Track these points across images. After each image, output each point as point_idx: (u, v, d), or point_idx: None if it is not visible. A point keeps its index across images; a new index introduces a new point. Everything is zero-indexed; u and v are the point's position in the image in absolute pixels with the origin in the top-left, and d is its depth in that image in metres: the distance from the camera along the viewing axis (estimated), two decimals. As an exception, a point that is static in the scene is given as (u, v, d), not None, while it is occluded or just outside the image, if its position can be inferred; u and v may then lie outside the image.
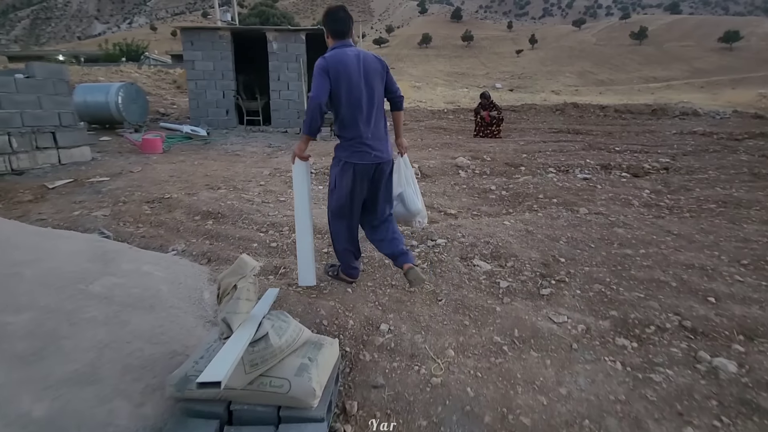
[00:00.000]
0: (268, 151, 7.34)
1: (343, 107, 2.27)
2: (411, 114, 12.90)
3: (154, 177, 5.21)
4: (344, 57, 2.22)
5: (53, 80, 5.38)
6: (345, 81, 2.21)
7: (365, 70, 2.27)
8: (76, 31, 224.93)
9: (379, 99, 2.37)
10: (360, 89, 2.26)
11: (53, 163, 5.45)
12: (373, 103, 2.33)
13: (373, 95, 2.32)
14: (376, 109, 2.36)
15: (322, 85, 2.17)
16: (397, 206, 2.76)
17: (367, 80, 2.28)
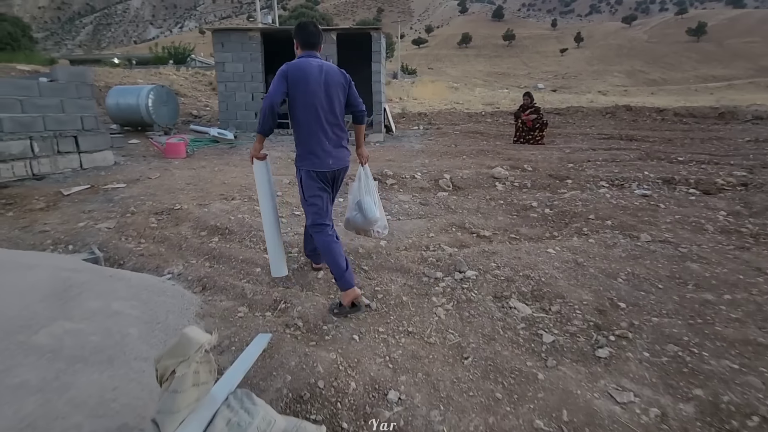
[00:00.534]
0: (293, 156, 7.02)
1: (299, 110, 2.39)
2: (446, 117, 12.32)
3: (171, 184, 4.99)
4: (306, 65, 2.36)
5: (76, 84, 5.29)
6: (302, 86, 2.33)
7: (326, 80, 2.39)
8: (132, 35, 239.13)
9: (339, 109, 2.48)
10: (318, 96, 2.37)
11: (75, 167, 5.36)
12: (332, 111, 2.44)
13: (332, 104, 2.43)
14: (333, 118, 2.46)
15: (278, 88, 2.31)
16: (356, 215, 2.77)
17: (327, 90, 2.39)
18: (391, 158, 6.68)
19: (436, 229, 3.80)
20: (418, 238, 3.59)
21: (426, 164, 6.15)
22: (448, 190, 4.94)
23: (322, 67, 2.41)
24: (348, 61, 10.41)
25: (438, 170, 5.59)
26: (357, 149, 2.79)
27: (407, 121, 12.56)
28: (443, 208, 4.36)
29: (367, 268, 3.03)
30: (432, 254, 3.20)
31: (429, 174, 5.39)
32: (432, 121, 12.45)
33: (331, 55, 8.88)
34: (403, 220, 4.02)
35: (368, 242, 3.44)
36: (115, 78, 12.92)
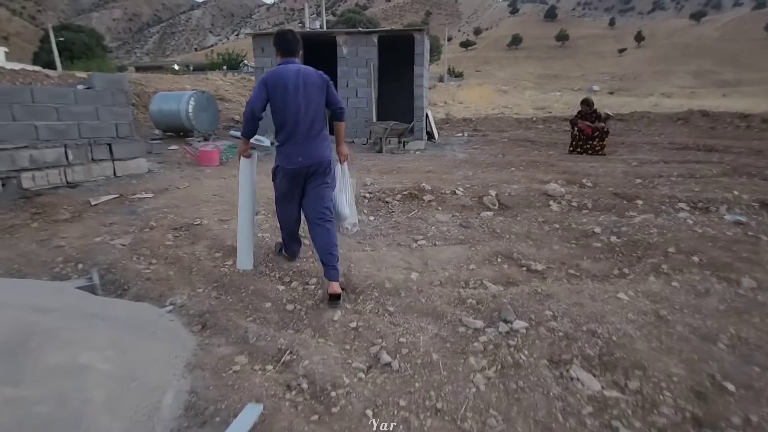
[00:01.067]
0: (328, 165, 6.71)
1: (278, 113, 2.58)
2: (493, 123, 11.59)
3: (197, 195, 4.79)
4: (284, 71, 2.56)
5: (112, 91, 5.24)
6: (281, 91, 2.52)
7: (304, 82, 2.55)
8: (193, 43, 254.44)
9: (317, 108, 2.62)
10: (296, 99, 2.53)
11: (108, 175, 5.31)
12: (309, 111, 2.58)
13: (309, 105, 2.57)
14: (312, 117, 2.60)
15: (258, 95, 2.54)
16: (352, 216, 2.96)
17: (305, 92, 2.55)
18: (431, 169, 6.16)
19: (478, 260, 3.25)
20: (456, 271, 3.06)
21: (469, 177, 5.58)
22: (494, 210, 4.36)
23: (300, 71, 2.58)
24: (390, 64, 10.03)
25: (482, 184, 5.01)
26: (337, 147, 2.91)
27: (451, 128, 11.96)
28: (487, 231, 3.80)
29: (393, 309, 2.55)
30: (472, 293, 2.68)
31: (472, 189, 4.83)
32: (478, 127, 11.77)
33: (372, 59, 8.53)
34: (440, 246, 3.51)
35: (396, 274, 2.97)
36: (165, 84, 13.38)
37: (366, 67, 8.62)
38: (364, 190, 4.86)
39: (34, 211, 4.33)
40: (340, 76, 8.81)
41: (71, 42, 45.62)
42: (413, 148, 8.40)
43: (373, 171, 6.18)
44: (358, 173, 6.15)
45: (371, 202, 4.51)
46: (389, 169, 6.26)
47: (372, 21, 42.89)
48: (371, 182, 5.34)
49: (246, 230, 2.86)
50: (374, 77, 8.60)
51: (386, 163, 6.72)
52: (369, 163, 6.86)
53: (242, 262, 2.88)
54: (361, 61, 8.61)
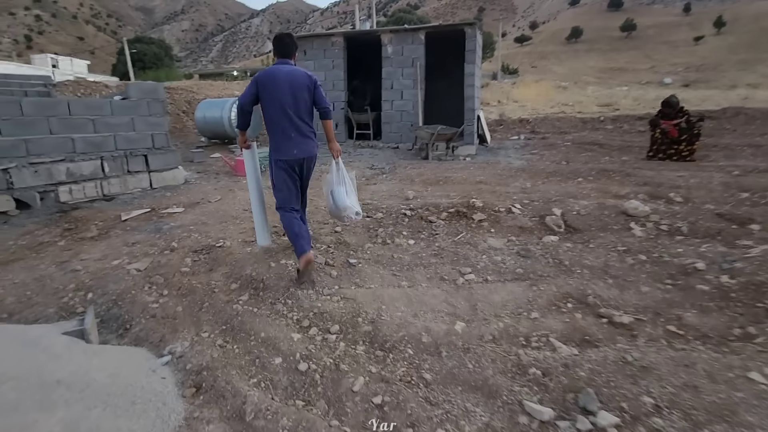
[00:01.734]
0: (368, 175, 6.22)
1: (268, 109, 2.85)
2: (553, 124, 10.52)
3: (227, 210, 4.49)
4: (275, 71, 2.84)
5: (148, 100, 5.11)
6: (270, 89, 2.81)
7: (292, 82, 2.81)
8: (252, 49, 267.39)
9: (305, 106, 2.87)
10: (284, 97, 2.79)
11: (144, 187, 5.19)
12: (298, 108, 2.84)
13: (297, 103, 2.82)
14: (300, 114, 2.85)
15: (248, 93, 2.84)
16: (330, 203, 3.19)
17: (293, 91, 2.80)
18: (483, 179, 5.48)
19: (542, 304, 2.59)
20: (514, 320, 2.43)
21: (527, 190, 4.85)
22: (559, 233, 3.62)
23: (290, 72, 2.82)
24: (438, 63, 9.38)
25: (544, 200, 4.28)
26: (329, 144, 3.11)
27: (505, 130, 11.00)
28: (552, 263, 3.10)
29: (431, 377, 1.99)
30: (536, 357, 2.05)
31: (532, 206, 4.11)
32: (536, 128, 10.70)
33: (419, 58, 7.95)
34: (493, 282, 2.88)
35: (437, 323, 2.39)
36: (215, 90, 13.64)
37: (412, 66, 8.05)
38: (405, 206, 4.31)
39: (66, 226, 4.23)
40: (384, 78, 8.32)
41: (143, 53, 49.43)
42: (463, 154, 7.71)
43: (416, 181, 5.61)
44: (401, 183, 5.61)
45: (412, 222, 3.94)
46: (435, 179, 5.66)
47: (422, 20, 42.07)
48: (413, 196, 4.77)
49: (259, 211, 3.25)
50: (421, 77, 8.01)
51: (432, 172, 6.11)
52: (413, 171, 6.29)
53: (261, 239, 3.31)
54: (406, 60, 8.06)
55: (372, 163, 6.93)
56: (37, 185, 4.43)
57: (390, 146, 8.57)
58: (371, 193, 5.18)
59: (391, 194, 5.06)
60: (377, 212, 4.25)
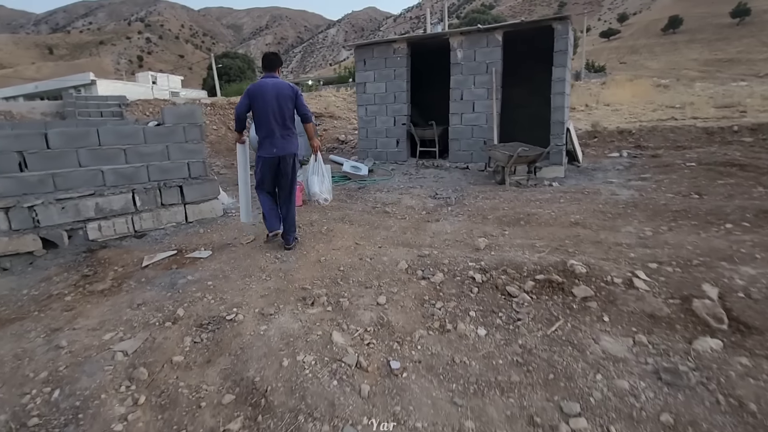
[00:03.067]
0: (430, 206, 5.19)
1: (257, 115, 3.55)
2: (665, 136, 8.49)
3: (254, 258, 3.76)
4: (263, 84, 3.52)
5: (184, 125, 4.60)
6: (259, 99, 3.49)
7: (277, 93, 3.48)
8: (328, 58, 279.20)
9: (288, 113, 3.57)
10: (271, 105, 3.48)
11: (179, 221, 4.69)
12: (282, 115, 3.53)
13: (282, 110, 3.52)
14: (282, 120, 3.55)
15: (242, 102, 3.57)
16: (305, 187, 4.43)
17: (278, 100, 3.49)
18: (580, 219, 4.19)
19: None
20: None
21: (648, 241, 3.50)
22: (722, 332, 2.31)
23: (276, 84, 3.52)
24: (516, 67, 8.08)
25: (680, 261, 2.95)
26: (309, 141, 3.93)
27: (601, 143, 9.15)
28: (725, 405, 1.84)
29: None
30: None
31: (663, 273, 2.81)
32: (641, 141, 8.65)
33: (494, 63, 6.74)
34: (623, 445, 1.71)
35: None
36: None
37: (486, 73, 6.87)
38: (474, 262, 3.24)
39: (85, 272, 3.78)
40: (452, 87, 7.22)
41: (228, 67, 53.31)
42: (548, 177, 6.35)
43: (490, 219, 4.47)
44: (469, 221, 4.51)
45: (483, 293, 2.86)
46: (514, 215, 4.47)
47: (497, 19, 39.89)
48: (486, 244, 3.67)
49: (245, 196, 4.15)
50: (497, 86, 6.81)
51: (510, 204, 4.92)
52: (486, 203, 5.14)
53: (244, 217, 4.26)
54: (479, 66, 6.90)
55: (435, 190, 5.88)
56: (65, 223, 4.06)
57: (458, 166, 7.43)
58: (431, 235, 4.15)
59: (457, 238, 4.00)
60: (437, 271, 3.22)
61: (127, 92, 41.18)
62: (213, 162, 8.76)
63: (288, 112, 3.53)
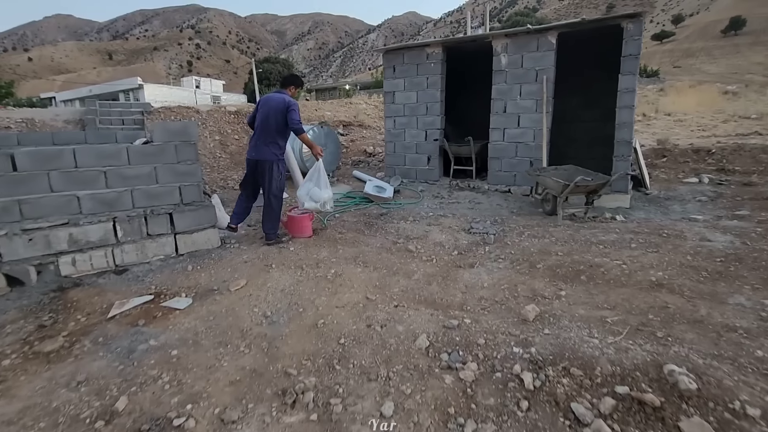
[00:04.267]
0: (464, 244, 4.28)
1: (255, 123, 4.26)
2: (754, 156, 6.88)
3: (238, 316, 3.02)
4: (268, 96, 4.23)
5: (176, 144, 3.96)
6: (259, 109, 4.22)
7: (273, 105, 4.10)
8: (367, 63, 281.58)
9: (275, 124, 4.12)
10: (263, 114, 4.15)
11: (167, 254, 4.05)
12: (267, 124, 4.13)
13: (269, 120, 4.12)
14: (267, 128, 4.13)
15: (253, 111, 4.32)
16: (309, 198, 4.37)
17: (271, 111, 4.11)
18: (662, 279, 3.15)
19: None
20: None
21: (777, 327, 2.45)
22: None
23: (275, 98, 4.15)
24: (571, 73, 7.03)
25: None
26: (311, 150, 4.32)
27: (672, 164, 7.64)
28: None
29: None
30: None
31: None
32: (725, 164, 7.17)
33: (546, 70, 5.73)
34: None
35: None
36: (306, 111, 12.80)
37: (535, 82, 5.88)
38: (520, 346, 2.35)
39: (44, 320, 3.17)
40: (494, 98, 6.25)
41: (269, 72, 54.36)
42: (610, 206, 5.26)
43: (540, 269, 3.52)
44: (513, 271, 3.57)
45: (535, 410, 1.95)
46: (571, 265, 3.50)
47: (542, 22, 38.08)
48: (536, 314, 2.75)
49: None
50: (547, 97, 5.80)
51: (564, 247, 3.94)
52: (534, 243, 4.17)
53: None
54: (527, 74, 5.92)
55: (471, 221, 4.94)
56: (33, 257, 3.50)
57: (498, 189, 6.44)
58: (463, 289, 3.26)
59: (496, 298, 3.09)
60: (468, 357, 2.35)
61: (171, 96, 42.62)
62: (229, 175, 8.22)
63: (275, 123, 4.11)
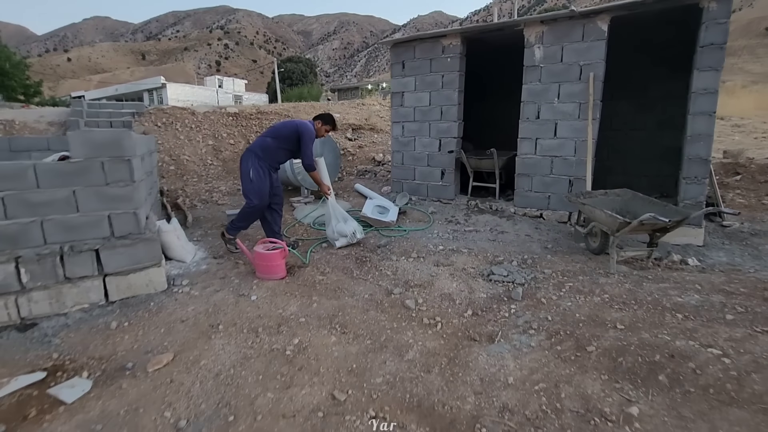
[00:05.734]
0: (481, 300, 3.17)
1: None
2: None
3: (140, 428, 2.03)
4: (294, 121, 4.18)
5: (103, 160, 3.03)
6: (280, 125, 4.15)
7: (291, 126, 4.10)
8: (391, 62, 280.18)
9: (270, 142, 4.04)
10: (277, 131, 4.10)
11: (94, 302, 3.14)
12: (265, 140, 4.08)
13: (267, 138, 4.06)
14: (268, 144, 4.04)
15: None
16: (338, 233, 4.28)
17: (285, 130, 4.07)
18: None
19: None
20: None
21: None
22: None
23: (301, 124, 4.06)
24: (621, 70, 5.83)
25: None
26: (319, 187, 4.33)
27: (750, 184, 6.08)
28: None
29: None
30: None
31: None
32: None
33: (593, 64, 4.54)
34: None
35: None
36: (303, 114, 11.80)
37: (578, 80, 4.69)
38: None
39: None
40: (524, 100, 5.08)
41: (291, 71, 54.24)
42: (677, 242, 4.03)
43: (591, 353, 2.40)
44: (552, 353, 2.46)
45: None
46: (640, 354, 2.36)
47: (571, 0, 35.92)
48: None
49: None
50: (594, 100, 4.61)
51: (625, 316, 2.79)
52: (577, 301, 3.03)
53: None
54: (568, 70, 4.73)
55: (491, 260, 3.81)
56: None
57: (527, 213, 5.25)
58: (477, 385, 2.19)
59: (527, 411, 2.01)
60: None
61: (193, 96, 42.72)
62: (217, 186, 7.32)
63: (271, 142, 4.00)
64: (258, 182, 3.94)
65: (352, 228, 4.25)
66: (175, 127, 8.98)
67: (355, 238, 4.24)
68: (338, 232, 4.24)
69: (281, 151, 4.04)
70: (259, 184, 3.94)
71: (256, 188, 3.94)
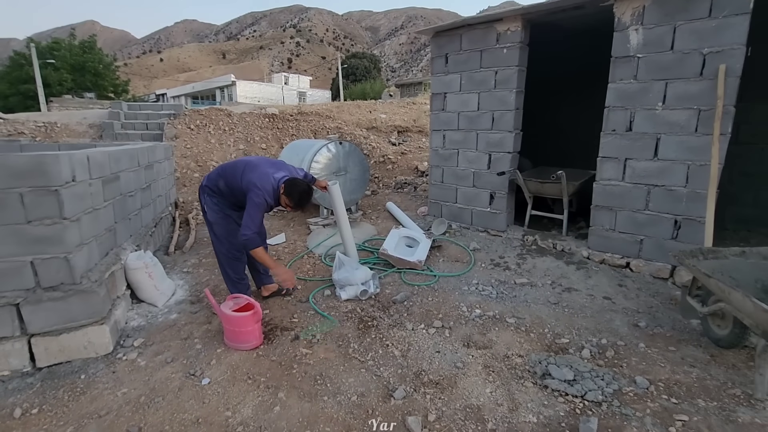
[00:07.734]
0: (532, 422, 2.01)
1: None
2: None
3: None
4: (269, 161, 3.30)
5: (22, 191, 2.33)
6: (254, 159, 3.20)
7: (260, 162, 3.14)
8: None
9: (232, 186, 3.04)
10: (242, 167, 3.04)
11: (15, 368, 2.49)
12: (225, 172, 3.15)
13: (237, 176, 3.03)
14: (231, 181, 3.09)
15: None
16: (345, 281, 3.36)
17: (248, 171, 3.01)
18: None
19: None
20: None
21: None
22: None
23: (262, 174, 3.01)
24: (756, 63, 4.23)
25: None
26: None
27: None
28: None
29: None
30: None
31: None
32: None
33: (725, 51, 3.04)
34: None
35: None
36: (359, 114, 10.83)
37: (699, 76, 3.24)
38: None
39: None
40: (609, 105, 3.67)
41: (355, 67, 54.53)
42: None
43: None
44: None
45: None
46: None
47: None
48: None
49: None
50: (725, 105, 3.15)
51: None
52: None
53: None
54: (682, 62, 3.30)
55: (549, 343, 2.59)
56: None
57: (607, 260, 3.89)
58: None
59: None
60: None
61: (261, 92, 44.13)
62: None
63: (230, 186, 3.03)
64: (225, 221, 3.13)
65: (363, 278, 3.31)
66: (208, 129, 8.58)
67: (366, 295, 3.30)
68: (345, 279, 3.31)
69: (239, 196, 2.98)
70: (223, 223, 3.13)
71: (222, 229, 3.14)
